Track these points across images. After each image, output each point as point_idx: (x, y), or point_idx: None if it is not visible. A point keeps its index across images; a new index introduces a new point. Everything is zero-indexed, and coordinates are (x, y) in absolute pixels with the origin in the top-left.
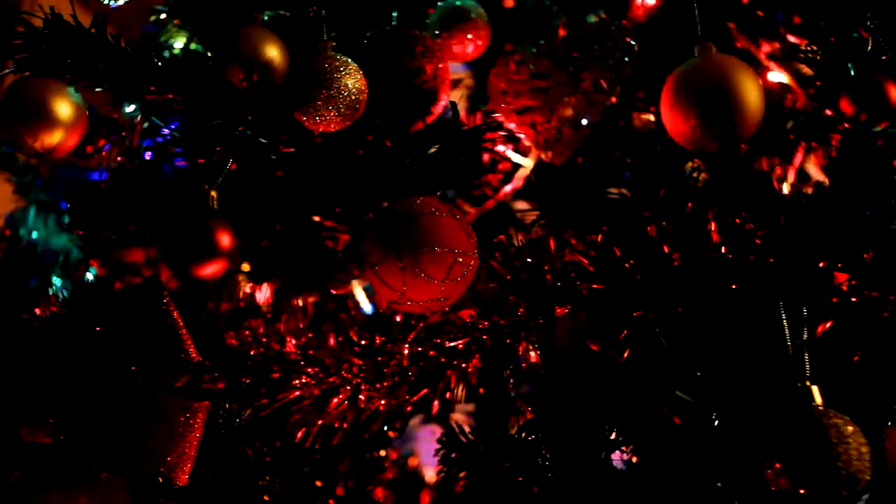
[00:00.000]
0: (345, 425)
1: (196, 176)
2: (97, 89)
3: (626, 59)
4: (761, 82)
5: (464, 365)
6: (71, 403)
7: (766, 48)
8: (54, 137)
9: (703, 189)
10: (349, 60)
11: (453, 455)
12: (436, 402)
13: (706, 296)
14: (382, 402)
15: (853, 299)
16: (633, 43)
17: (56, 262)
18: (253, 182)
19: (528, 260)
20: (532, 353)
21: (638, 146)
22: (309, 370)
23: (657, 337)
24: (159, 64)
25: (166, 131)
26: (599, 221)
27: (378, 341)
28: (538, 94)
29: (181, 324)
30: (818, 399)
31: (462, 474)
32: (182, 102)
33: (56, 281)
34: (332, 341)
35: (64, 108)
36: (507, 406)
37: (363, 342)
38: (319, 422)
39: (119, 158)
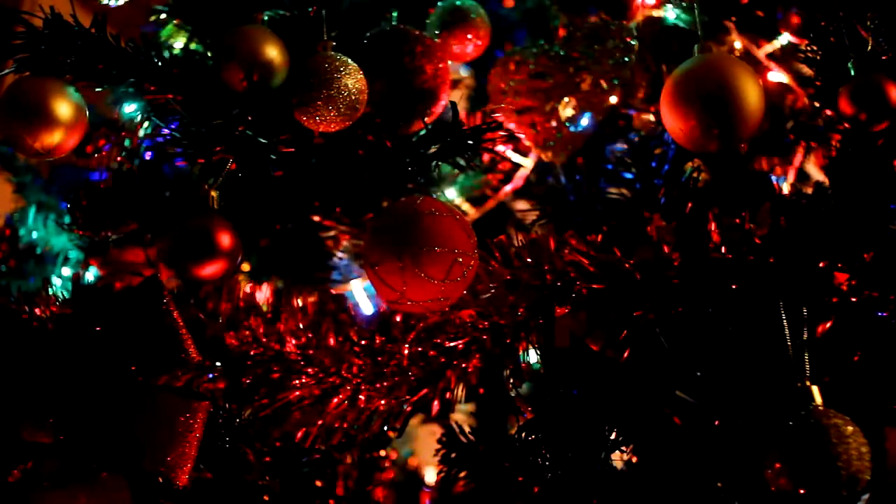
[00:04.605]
0: (345, 425)
1: (196, 176)
2: (97, 89)
3: (627, 59)
4: (761, 82)
5: (464, 365)
6: (71, 403)
7: (766, 48)
8: (54, 137)
9: (703, 189)
10: (349, 60)
11: (453, 455)
12: (436, 402)
13: (706, 296)
14: (382, 402)
15: (853, 299)
16: (633, 43)
17: (56, 262)
18: (253, 182)
19: (528, 260)
20: (532, 353)
21: (638, 146)
22: (309, 370)
23: (657, 337)
24: (159, 64)
25: (166, 131)
26: (599, 221)
27: (378, 341)
28: (538, 94)
29: (181, 324)
30: (818, 399)
31: (462, 474)
32: (182, 102)
33: (56, 281)
34: (332, 341)
35: (64, 108)
36: (507, 406)
37: (363, 342)
38: (319, 422)
39: (119, 158)
